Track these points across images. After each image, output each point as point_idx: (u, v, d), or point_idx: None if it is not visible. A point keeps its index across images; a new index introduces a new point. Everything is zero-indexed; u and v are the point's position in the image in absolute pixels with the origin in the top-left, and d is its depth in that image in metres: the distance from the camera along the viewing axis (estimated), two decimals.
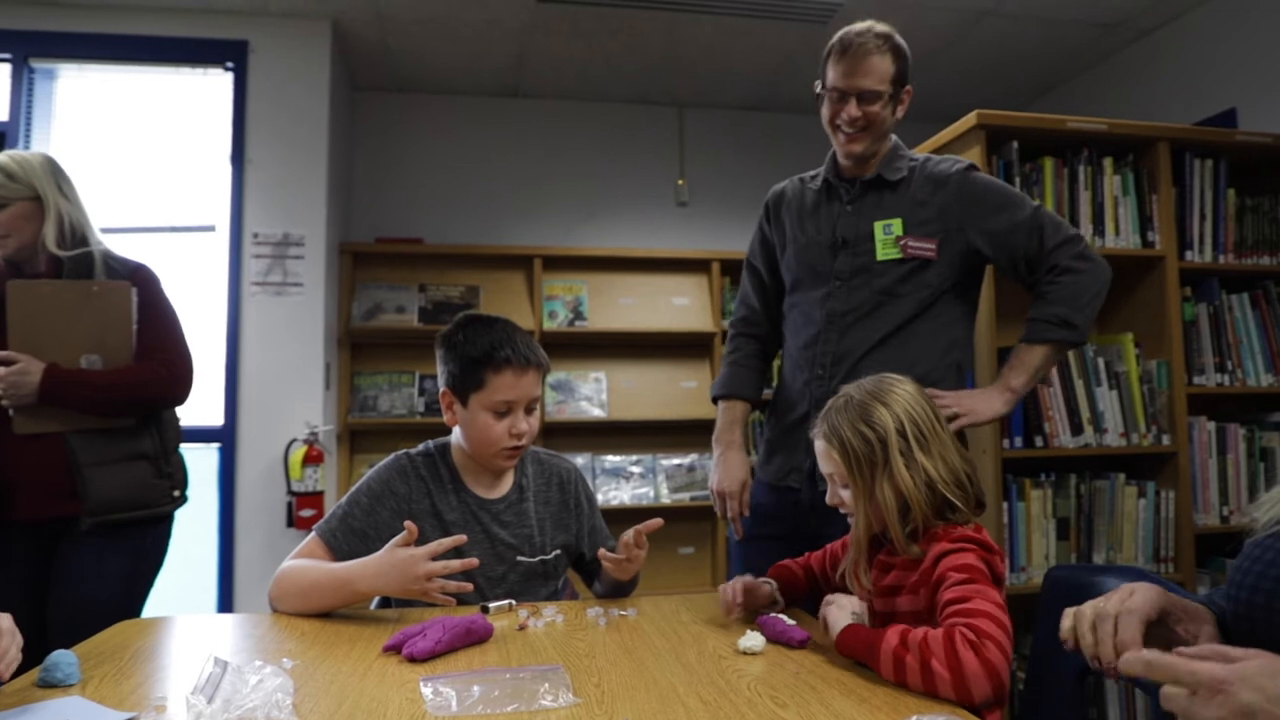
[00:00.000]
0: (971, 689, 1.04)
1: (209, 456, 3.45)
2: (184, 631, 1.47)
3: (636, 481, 4.14)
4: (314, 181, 3.63)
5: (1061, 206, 2.49)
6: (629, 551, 1.60)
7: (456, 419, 1.68)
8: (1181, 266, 2.56)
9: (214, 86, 3.63)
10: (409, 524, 1.47)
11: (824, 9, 3.61)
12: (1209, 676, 0.77)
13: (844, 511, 1.36)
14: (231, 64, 3.59)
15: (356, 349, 4.03)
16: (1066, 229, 1.78)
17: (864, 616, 1.25)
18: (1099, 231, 2.51)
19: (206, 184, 3.63)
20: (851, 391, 1.35)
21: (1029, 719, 1.48)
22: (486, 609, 1.49)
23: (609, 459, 4.16)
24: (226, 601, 3.41)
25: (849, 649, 1.18)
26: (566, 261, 4.24)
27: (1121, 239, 2.53)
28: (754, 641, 1.28)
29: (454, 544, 1.48)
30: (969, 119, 2.40)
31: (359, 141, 4.36)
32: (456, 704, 1.01)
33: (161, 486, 2.01)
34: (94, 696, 1.06)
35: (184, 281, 2.10)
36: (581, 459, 4.08)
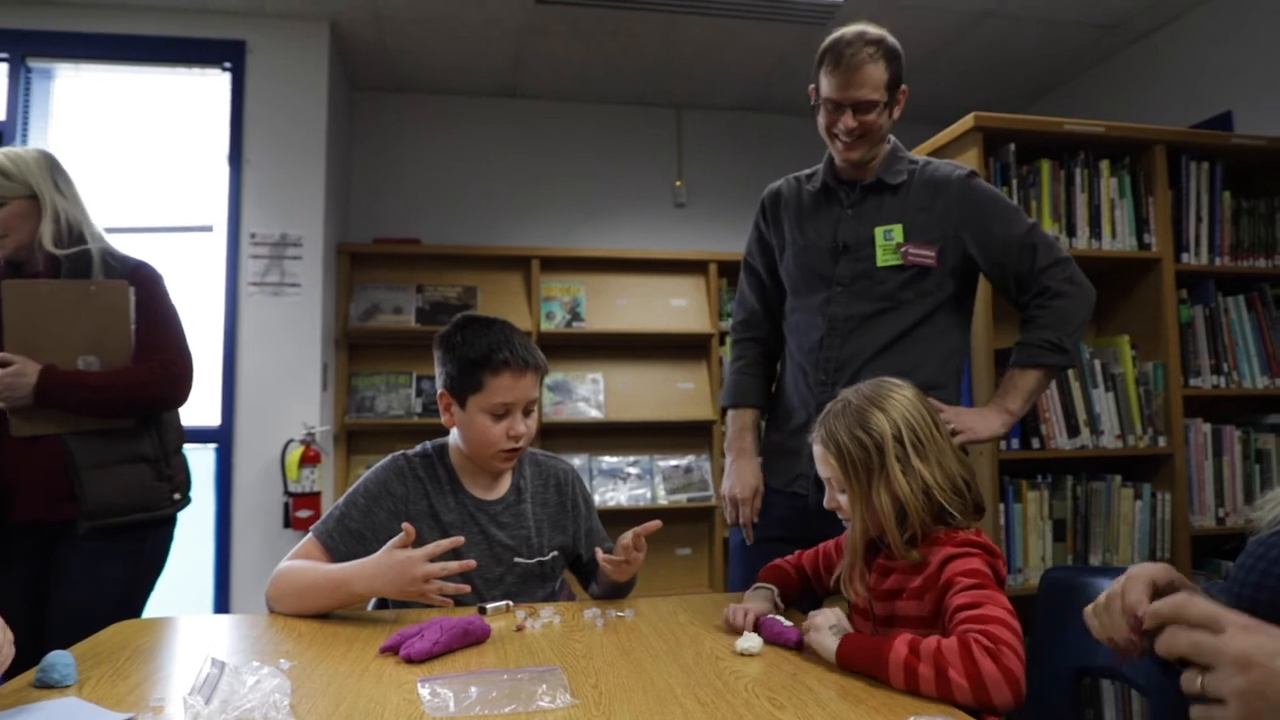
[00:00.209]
0: (993, 696, 1.04)
1: (206, 457, 3.45)
2: (181, 632, 1.47)
3: (634, 482, 4.14)
4: (312, 182, 3.63)
5: (1058, 209, 2.50)
6: (627, 554, 1.60)
7: (454, 420, 1.68)
8: (1178, 269, 2.57)
9: (212, 87, 3.63)
10: (406, 525, 1.47)
11: (821, 11, 3.62)
12: (1238, 650, 0.75)
13: (841, 516, 1.36)
14: (229, 64, 3.59)
15: (354, 349, 4.03)
16: (1057, 250, 1.79)
17: (844, 625, 1.24)
18: (1096, 234, 2.52)
19: (204, 184, 3.63)
20: (850, 396, 1.35)
21: None
22: (484, 610, 1.49)
23: (606, 460, 4.16)
24: (223, 602, 3.40)
25: (851, 662, 1.16)
26: (564, 262, 4.24)
27: (1118, 241, 2.54)
28: (751, 643, 1.28)
29: (451, 545, 1.48)
30: (966, 121, 2.40)
31: (357, 142, 4.36)
32: (454, 705, 1.01)
33: (161, 489, 1.97)
34: (91, 697, 1.06)
35: (181, 282, 2.07)
36: (579, 460, 4.08)
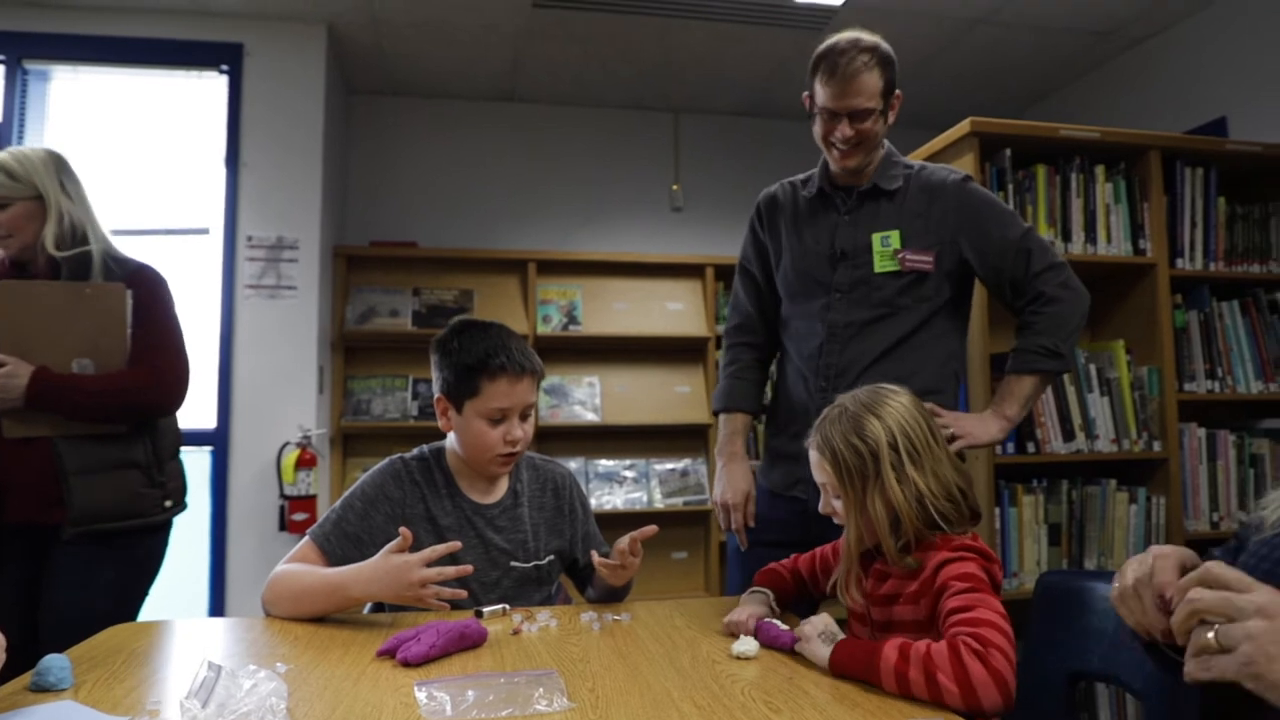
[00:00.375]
0: (981, 699, 1.04)
1: (201, 460, 3.44)
2: (177, 635, 1.47)
3: (630, 486, 4.14)
4: (308, 185, 3.63)
5: (1054, 214, 2.51)
6: (623, 559, 1.60)
7: (451, 425, 1.68)
8: (1172, 274, 2.58)
9: (209, 89, 3.63)
10: (404, 530, 1.47)
11: (818, 16, 3.63)
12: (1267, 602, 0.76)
13: (837, 521, 1.37)
14: (226, 67, 3.59)
15: (350, 352, 4.03)
16: (1052, 255, 1.80)
17: (834, 631, 1.24)
18: (1091, 239, 2.53)
19: (201, 187, 3.63)
20: (846, 402, 1.36)
21: None
22: (480, 613, 1.49)
23: (602, 463, 4.16)
24: (218, 606, 3.39)
25: (844, 669, 1.17)
26: (561, 266, 4.24)
27: (1113, 246, 2.55)
28: (748, 646, 1.29)
29: (448, 550, 1.48)
30: (962, 126, 2.41)
31: (354, 145, 4.36)
32: (451, 708, 1.01)
33: (152, 496, 1.94)
34: (87, 701, 1.06)
35: (177, 284, 2.06)
36: (575, 463, 4.08)
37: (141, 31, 3.51)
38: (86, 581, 1.84)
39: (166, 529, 2.02)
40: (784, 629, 1.33)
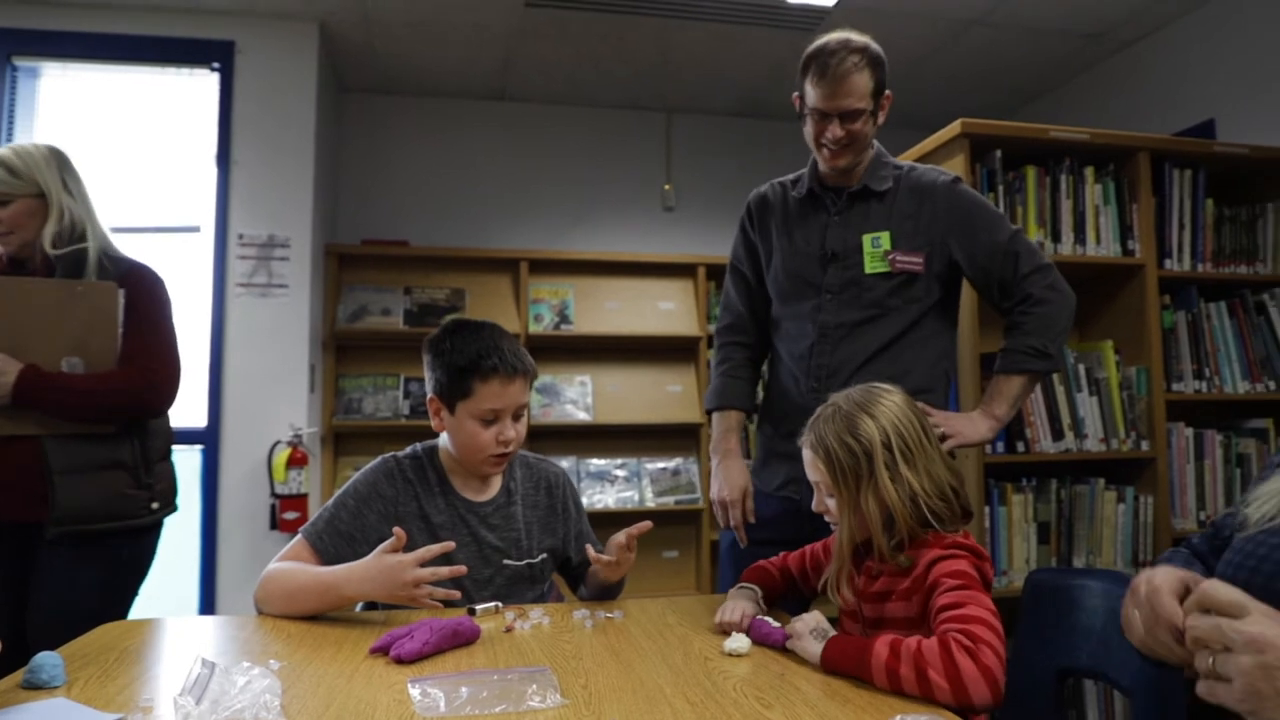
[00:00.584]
0: (971, 694, 1.05)
1: (192, 458, 3.43)
2: (169, 633, 1.47)
3: (621, 485, 4.14)
4: (300, 183, 3.62)
5: (1044, 215, 2.52)
6: (619, 554, 1.61)
7: (444, 426, 1.68)
8: (1161, 275, 2.60)
9: (200, 87, 3.62)
10: (397, 530, 1.47)
11: (810, 16, 3.64)
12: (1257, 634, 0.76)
13: (829, 520, 1.38)
14: (218, 64, 3.58)
15: (341, 351, 4.02)
16: (1039, 257, 1.82)
17: (825, 628, 1.25)
18: (1080, 240, 2.55)
19: (192, 185, 3.62)
20: (839, 401, 1.37)
21: None
22: (473, 611, 1.50)
23: (594, 462, 4.16)
24: (209, 604, 3.38)
25: (836, 666, 1.18)
26: (553, 265, 4.24)
27: (1102, 247, 2.57)
28: (739, 643, 1.29)
29: (442, 551, 1.48)
30: (953, 127, 2.42)
31: (345, 143, 4.35)
32: (445, 705, 1.01)
33: (139, 498, 1.91)
34: (80, 698, 1.06)
35: (168, 283, 2.05)
36: (566, 462, 4.08)
37: (132, 28, 3.49)
38: (72, 581, 1.82)
39: (155, 530, 1.99)
40: (776, 626, 1.34)
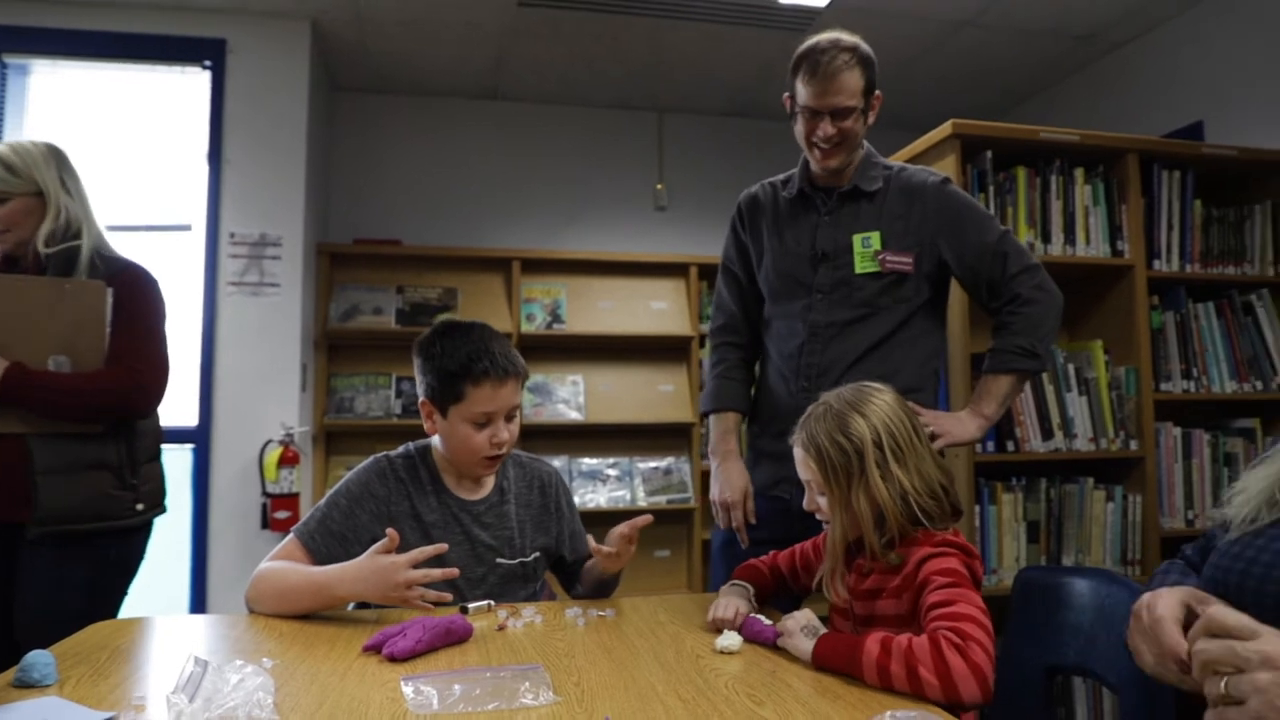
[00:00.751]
0: (961, 691, 1.06)
1: (183, 457, 3.42)
2: (160, 632, 1.46)
3: (613, 484, 4.15)
4: (292, 182, 3.62)
5: (1034, 215, 2.54)
6: (620, 545, 1.61)
7: (436, 429, 1.67)
8: (1149, 275, 2.61)
9: (191, 85, 3.61)
10: (390, 531, 1.47)
11: (802, 17, 3.65)
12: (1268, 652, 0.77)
13: (820, 518, 1.38)
14: (209, 63, 3.57)
15: (333, 350, 4.01)
16: (1027, 258, 1.83)
17: (816, 625, 1.26)
18: (1070, 240, 2.56)
19: (183, 183, 3.61)
20: (831, 400, 1.37)
21: (998, 718, 1.51)
22: (466, 609, 1.50)
23: (586, 462, 4.17)
24: (199, 604, 3.38)
25: (827, 663, 1.18)
26: (545, 264, 4.25)
27: (1092, 248, 2.58)
28: (731, 641, 1.30)
29: (435, 552, 1.48)
30: (944, 128, 2.43)
31: (338, 142, 4.34)
32: (438, 702, 1.02)
33: (123, 499, 1.88)
34: (72, 696, 1.06)
35: (161, 283, 2.03)
36: (559, 461, 4.09)
37: (123, 26, 3.48)
38: (57, 582, 1.80)
39: (143, 531, 1.96)
40: (767, 624, 1.34)
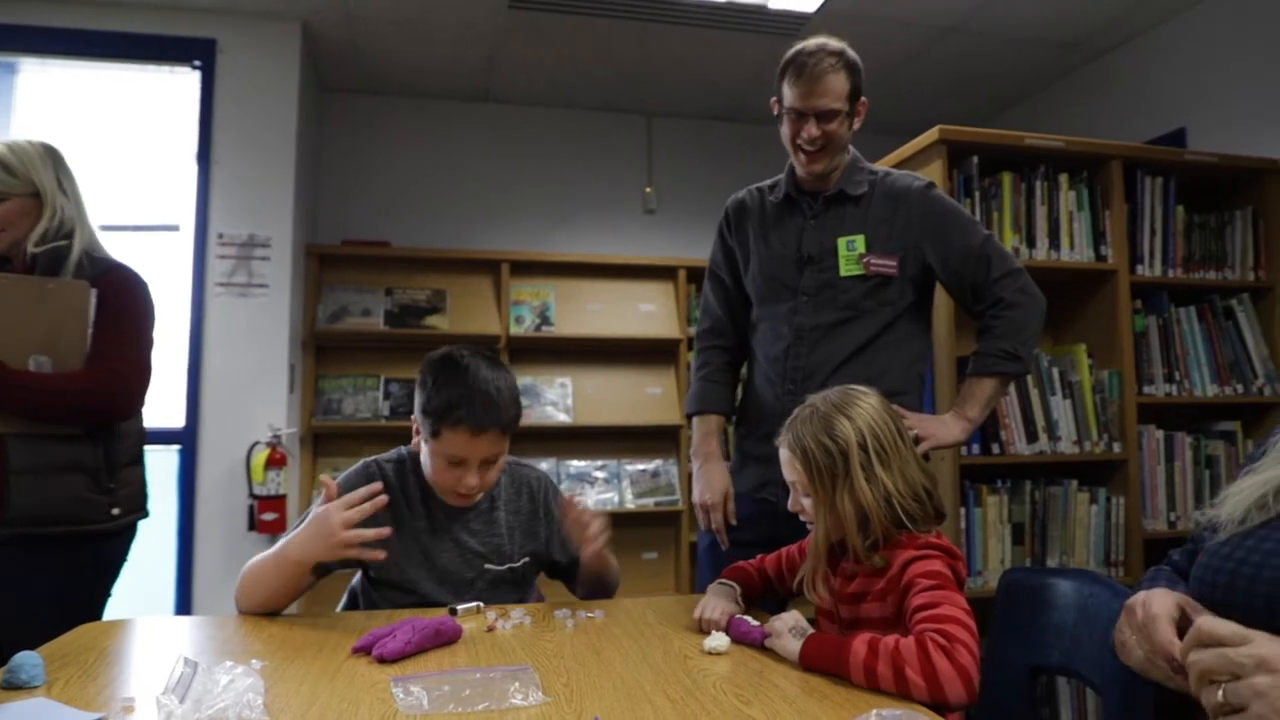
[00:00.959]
0: (947, 692, 1.07)
1: (169, 459, 3.40)
2: (148, 633, 1.46)
3: (601, 487, 4.15)
4: (281, 182, 3.60)
5: (1019, 220, 2.56)
6: (574, 530, 1.67)
7: (420, 447, 1.67)
8: (1132, 280, 2.65)
9: (181, 85, 3.60)
10: (326, 479, 1.50)
11: (791, 22, 3.67)
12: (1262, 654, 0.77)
13: (804, 519, 1.40)
14: (199, 62, 3.56)
15: (321, 351, 4.00)
16: (1011, 262, 1.86)
17: (804, 626, 1.27)
18: (1055, 245, 2.59)
19: (171, 183, 3.59)
20: (816, 402, 1.39)
21: (983, 718, 1.52)
22: (455, 611, 1.50)
23: (574, 464, 4.17)
24: (185, 605, 3.36)
25: (814, 663, 1.19)
26: (534, 267, 4.25)
27: (1076, 252, 2.61)
28: (719, 641, 1.31)
29: (374, 508, 1.49)
30: (931, 134, 2.46)
31: (327, 143, 4.33)
32: (428, 703, 1.02)
33: (98, 503, 1.82)
34: (60, 697, 1.06)
35: (150, 285, 2.02)
36: (546, 464, 4.09)
37: (113, 25, 3.46)
38: (28, 585, 1.75)
39: (121, 535, 1.91)
40: (754, 624, 1.35)
